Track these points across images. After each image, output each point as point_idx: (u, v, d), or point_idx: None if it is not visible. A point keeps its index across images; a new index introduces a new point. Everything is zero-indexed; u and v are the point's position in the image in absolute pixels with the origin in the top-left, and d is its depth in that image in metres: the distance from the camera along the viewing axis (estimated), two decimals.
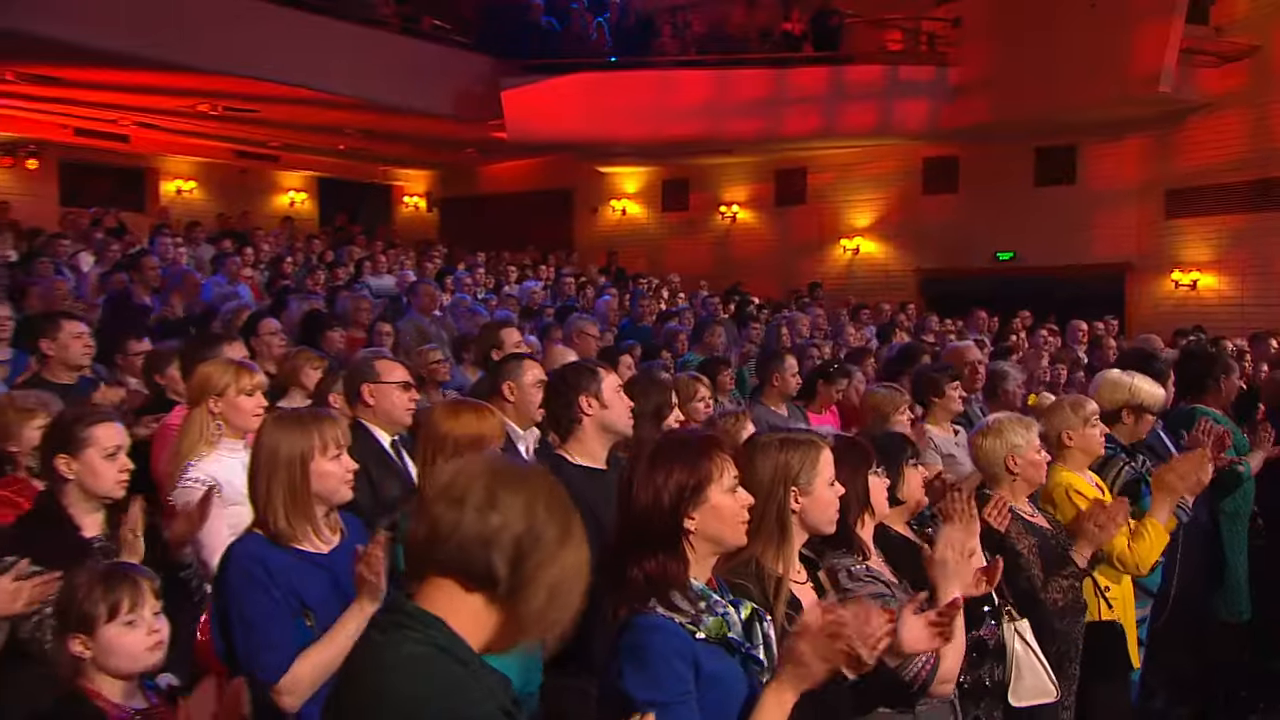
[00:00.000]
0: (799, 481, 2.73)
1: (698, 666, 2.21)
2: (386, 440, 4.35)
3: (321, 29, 15.20)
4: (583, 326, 8.03)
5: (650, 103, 16.75)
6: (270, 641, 2.77)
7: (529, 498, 1.82)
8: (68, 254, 11.48)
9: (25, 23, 12.16)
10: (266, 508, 2.95)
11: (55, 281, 8.53)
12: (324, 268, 13.65)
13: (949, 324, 13.26)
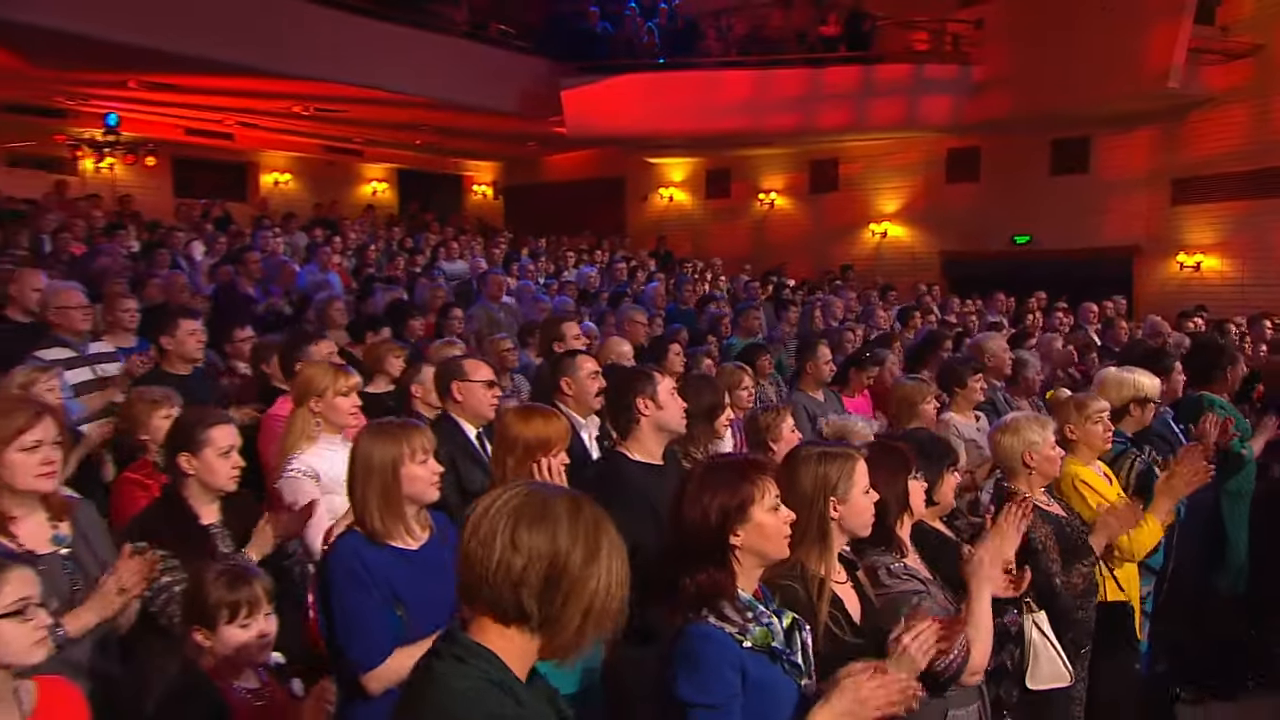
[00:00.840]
0: (837, 491, 2.73)
1: (744, 672, 2.24)
2: (472, 433, 4.42)
3: (401, 38, 15.27)
4: (632, 315, 8.05)
5: (696, 100, 16.64)
6: (366, 633, 2.82)
7: (551, 530, 1.78)
8: (182, 244, 11.63)
9: (145, 38, 12.40)
10: (363, 509, 2.98)
11: (174, 275, 8.60)
12: (403, 254, 13.86)
13: (969, 304, 13.20)
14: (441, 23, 16.40)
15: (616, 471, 3.71)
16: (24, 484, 2.94)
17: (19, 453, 2.91)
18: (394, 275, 12.05)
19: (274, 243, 11.95)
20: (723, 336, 8.81)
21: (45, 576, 2.96)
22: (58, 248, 10.42)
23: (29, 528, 3.00)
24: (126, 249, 10.94)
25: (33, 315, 6.45)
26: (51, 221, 11.59)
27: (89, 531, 3.18)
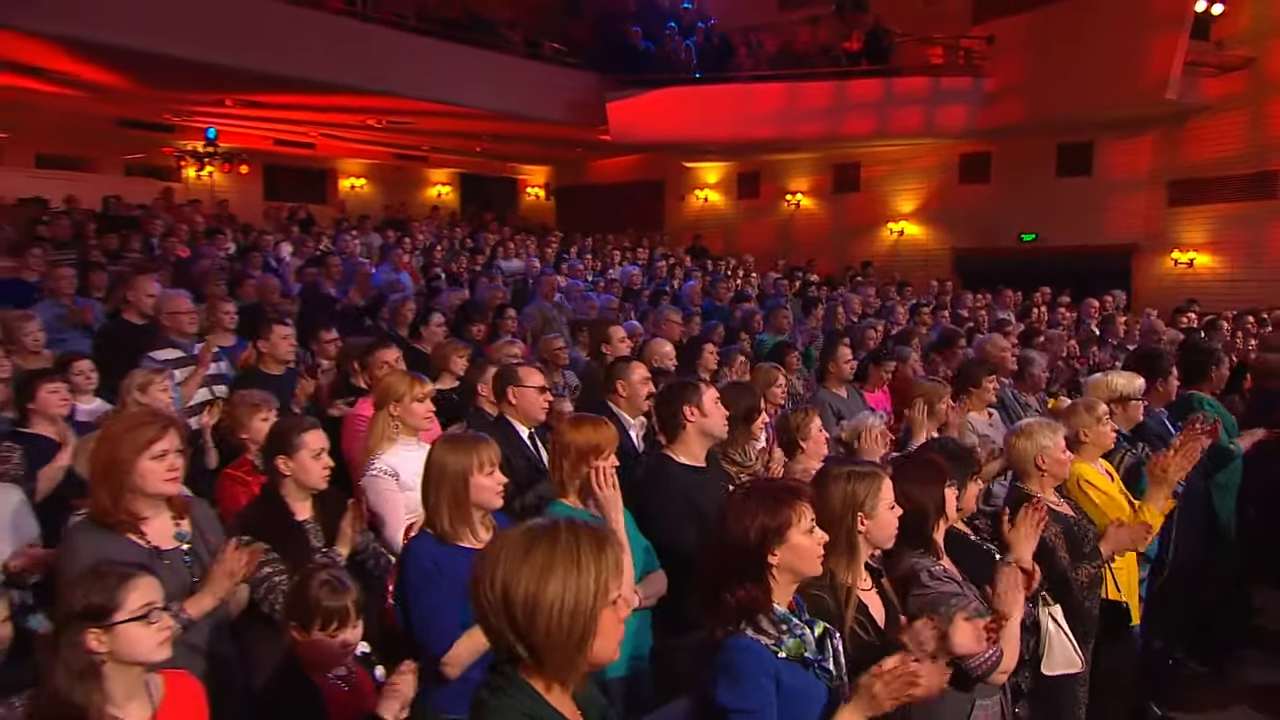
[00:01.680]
0: (864, 507, 2.72)
1: (779, 681, 2.24)
2: (525, 432, 4.44)
3: (464, 56, 15.37)
4: (669, 315, 7.98)
5: (730, 110, 16.53)
6: (440, 626, 2.86)
7: (500, 565, 1.75)
8: (272, 245, 11.75)
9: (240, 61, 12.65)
10: (435, 513, 3.02)
11: (266, 278, 8.65)
12: (465, 253, 13.92)
13: (979, 299, 13.08)
14: (500, 42, 16.42)
15: (663, 473, 3.72)
16: (153, 488, 2.99)
17: (150, 461, 2.96)
18: (457, 273, 12.09)
19: (352, 244, 12.04)
20: (754, 333, 8.75)
21: (170, 570, 3.06)
22: (165, 250, 10.59)
23: (156, 526, 3.05)
24: (224, 251, 11.05)
25: (147, 318, 6.59)
26: (160, 226, 11.79)
27: (205, 527, 3.23)
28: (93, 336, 6.86)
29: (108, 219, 12.51)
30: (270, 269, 10.06)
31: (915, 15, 16.86)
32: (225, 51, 12.41)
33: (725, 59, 17.23)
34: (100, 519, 2.98)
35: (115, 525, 2.98)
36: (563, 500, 3.36)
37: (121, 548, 2.94)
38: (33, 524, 3.84)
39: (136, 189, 15.92)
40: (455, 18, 16.67)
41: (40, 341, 5.97)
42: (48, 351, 5.98)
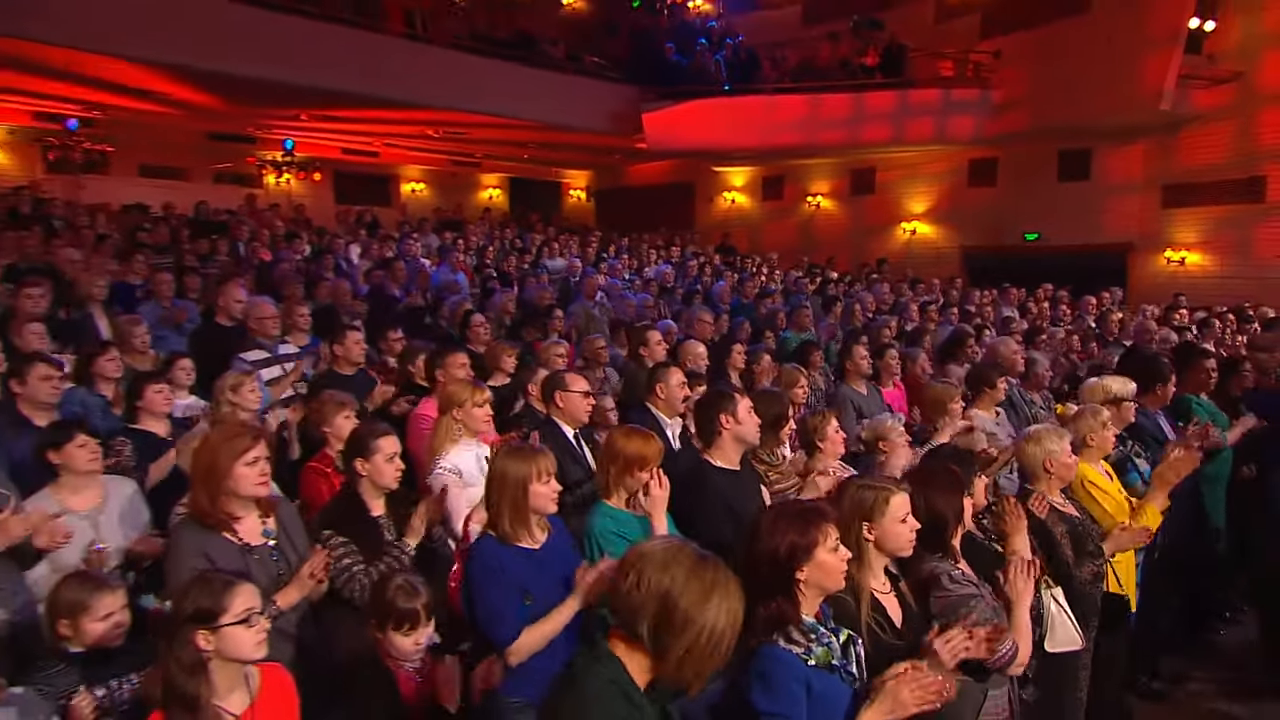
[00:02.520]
0: (871, 516, 2.73)
1: (809, 687, 2.25)
2: (570, 433, 4.45)
3: (513, 72, 15.36)
4: (701, 315, 7.90)
5: (756, 120, 16.37)
6: (501, 619, 2.88)
7: (670, 575, 1.85)
8: (343, 248, 11.81)
9: (313, 81, 12.78)
10: (497, 516, 3.03)
11: (339, 282, 8.64)
12: (515, 253, 13.96)
13: (985, 295, 12.94)
14: (545, 59, 16.37)
15: (702, 476, 3.71)
16: (246, 491, 3.07)
17: (243, 467, 3.05)
18: (508, 272, 12.09)
19: (414, 247, 12.10)
20: (778, 330, 8.69)
21: (259, 564, 3.12)
22: (249, 254, 10.71)
23: (247, 525, 3.13)
24: (300, 254, 11.12)
25: (235, 320, 6.66)
26: (244, 230, 11.92)
27: (289, 524, 3.29)
28: (188, 336, 6.91)
29: (199, 224, 12.66)
30: (341, 271, 10.11)
31: (927, 32, 16.59)
32: (301, 73, 12.56)
33: (752, 72, 17.06)
34: (200, 517, 3.07)
35: (213, 523, 3.06)
36: (606, 501, 3.38)
37: (218, 544, 3.04)
38: (145, 512, 3.89)
39: (223, 195, 16.09)
40: (505, 37, 16.70)
41: (147, 342, 6.06)
42: (152, 351, 6.09)
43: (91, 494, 3.69)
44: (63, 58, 11.33)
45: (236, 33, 11.75)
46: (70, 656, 2.83)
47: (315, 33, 12.73)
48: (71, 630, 2.85)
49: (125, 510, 3.76)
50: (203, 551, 3.02)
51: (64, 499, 3.62)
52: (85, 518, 3.62)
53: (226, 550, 3.05)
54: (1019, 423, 5.81)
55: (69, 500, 3.63)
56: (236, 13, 11.84)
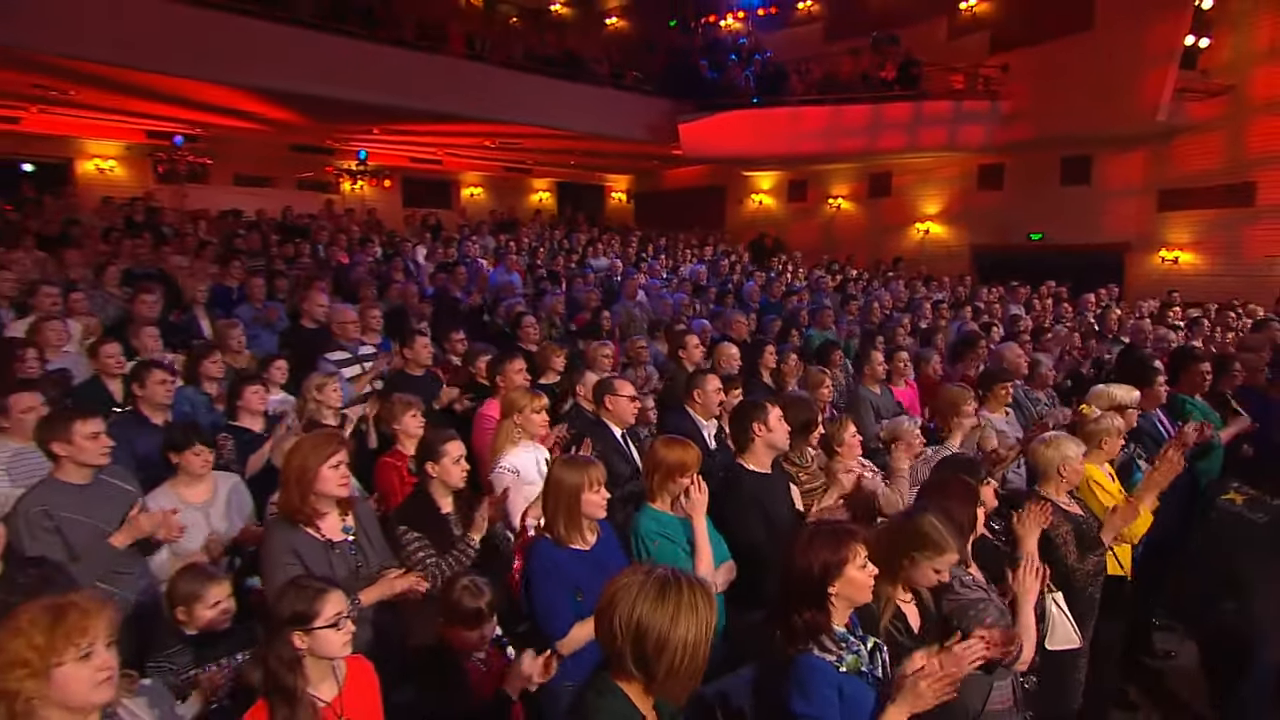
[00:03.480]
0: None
1: (841, 691, 2.26)
2: (618, 433, 4.46)
3: (560, 89, 15.37)
4: (735, 317, 7.83)
5: (782, 129, 16.16)
6: (556, 614, 2.92)
7: (639, 608, 1.82)
8: (410, 250, 11.81)
9: (385, 99, 12.89)
10: (553, 520, 3.06)
11: (408, 285, 8.64)
12: (562, 253, 13.98)
13: (993, 292, 12.74)
14: (590, 76, 16.31)
15: (736, 480, 3.70)
16: (330, 491, 3.12)
17: (329, 469, 3.09)
18: (556, 271, 12.03)
19: (473, 249, 12.15)
20: (802, 328, 8.57)
21: (339, 558, 3.16)
22: (328, 256, 10.82)
23: (329, 522, 3.17)
24: (372, 256, 11.16)
25: (318, 323, 6.76)
26: (324, 234, 12.04)
27: (365, 522, 3.33)
28: (279, 335, 7.02)
29: (285, 228, 12.83)
30: (409, 273, 10.13)
31: (941, 48, 16.19)
32: (374, 92, 12.66)
33: (779, 85, 16.82)
34: (289, 514, 3.12)
35: (301, 520, 3.11)
36: (651, 504, 3.39)
37: (304, 541, 3.09)
38: (249, 502, 3.96)
39: (305, 201, 16.30)
40: (554, 56, 16.65)
41: (243, 343, 6.16)
42: (247, 351, 6.19)
43: (204, 489, 3.79)
44: (171, 84, 11.59)
45: (317, 58, 11.92)
46: (186, 638, 2.93)
47: (386, 56, 12.83)
48: (187, 616, 2.94)
49: (232, 502, 3.85)
50: (291, 547, 3.08)
51: (180, 493, 3.74)
52: (198, 509, 3.73)
53: (312, 547, 3.10)
54: (1025, 421, 5.73)
55: (185, 494, 3.74)
56: (318, 41, 12.01)
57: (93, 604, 1.91)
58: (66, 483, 3.39)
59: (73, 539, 3.29)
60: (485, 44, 15.26)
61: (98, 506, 3.40)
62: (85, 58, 10.18)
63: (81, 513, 3.35)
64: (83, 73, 10.93)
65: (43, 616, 1.84)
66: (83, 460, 3.40)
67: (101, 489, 3.47)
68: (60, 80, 11.48)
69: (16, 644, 1.81)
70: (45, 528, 3.26)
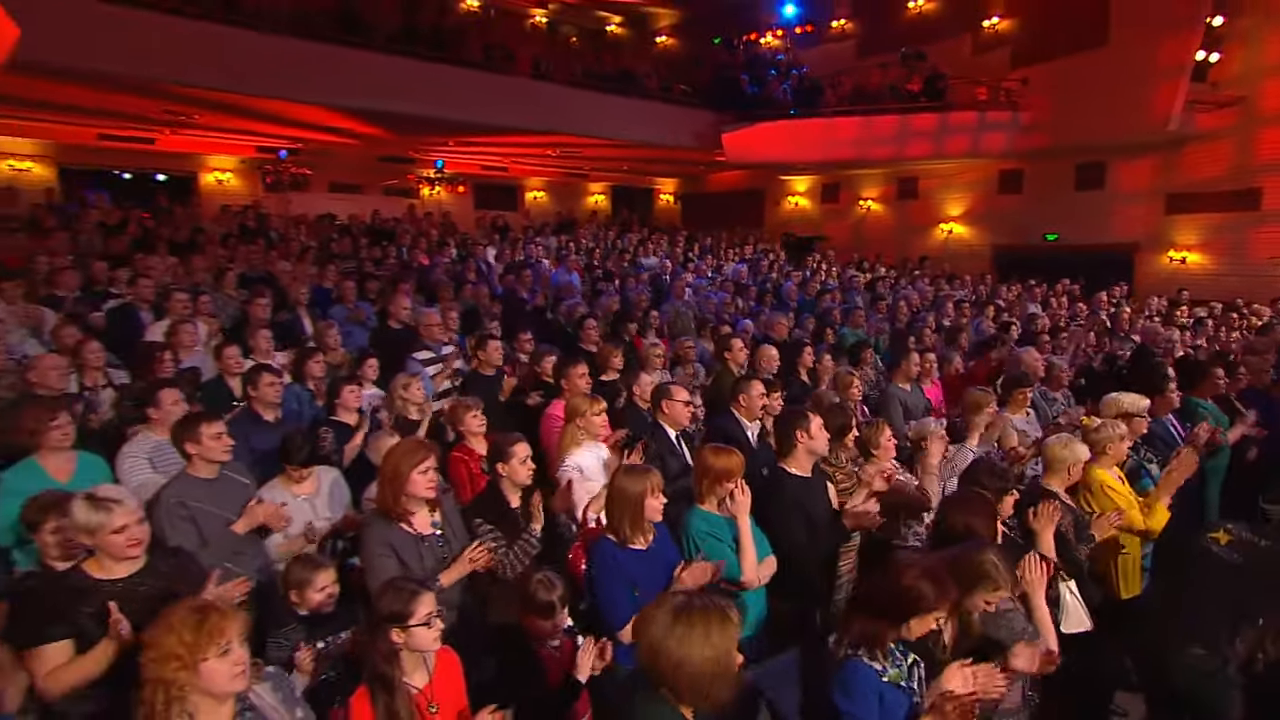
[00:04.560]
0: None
1: (881, 697, 2.25)
2: (673, 435, 4.42)
3: (615, 103, 15.24)
4: (776, 320, 7.70)
5: (817, 138, 15.77)
6: (616, 607, 2.93)
7: (659, 634, 1.86)
8: (482, 251, 11.85)
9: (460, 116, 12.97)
10: (616, 524, 3.07)
11: (480, 287, 8.61)
12: (616, 252, 13.95)
13: (1012, 289, 12.44)
14: (642, 91, 16.17)
15: (780, 483, 3.67)
16: (420, 493, 3.17)
17: (418, 474, 3.14)
18: (610, 270, 11.96)
19: (536, 250, 12.19)
20: (835, 326, 8.39)
21: (429, 550, 3.21)
22: (410, 259, 10.93)
23: (419, 518, 3.23)
24: (448, 257, 11.27)
25: (404, 324, 6.85)
26: (407, 236, 12.20)
27: (450, 517, 3.38)
28: (369, 333, 7.05)
29: (374, 231, 13.02)
30: (481, 273, 10.16)
31: (965, 62, 15.60)
32: (450, 109, 12.74)
33: (814, 98, 16.45)
34: (385, 511, 3.19)
35: (394, 516, 3.17)
36: (700, 506, 3.38)
37: (398, 535, 3.16)
38: (347, 493, 4.02)
39: (390, 205, 16.57)
40: (610, 73, 16.57)
41: (339, 341, 6.23)
42: (342, 349, 6.28)
43: (309, 482, 3.89)
44: (277, 107, 11.87)
45: (401, 81, 12.03)
46: (299, 618, 3.03)
47: (462, 78, 12.89)
48: (299, 598, 3.04)
49: (333, 494, 3.95)
50: (387, 541, 3.16)
51: (289, 486, 3.84)
52: (305, 500, 3.84)
53: (405, 540, 3.17)
54: (1043, 420, 5.60)
55: (293, 488, 3.84)
56: (402, 66, 12.13)
57: (229, 608, 1.99)
58: (196, 477, 3.52)
59: (203, 527, 3.41)
60: (549, 64, 15.24)
61: (222, 498, 3.52)
62: (208, 86, 10.52)
63: (210, 504, 3.47)
64: (206, 100, 11.30)
65: (190, 617, 1.93)
66: (209, 458, 3.52)
67: (225, 483, 3.58)
68: (187, 106, 11.88)
69: (170, 640, 1.91)
70: (181, 517, 3.39)
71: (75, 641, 2.52)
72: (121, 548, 2.67)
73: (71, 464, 3.78)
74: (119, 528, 2.66)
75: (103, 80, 9.93)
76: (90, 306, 6.64)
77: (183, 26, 9.96)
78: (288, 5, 11.43)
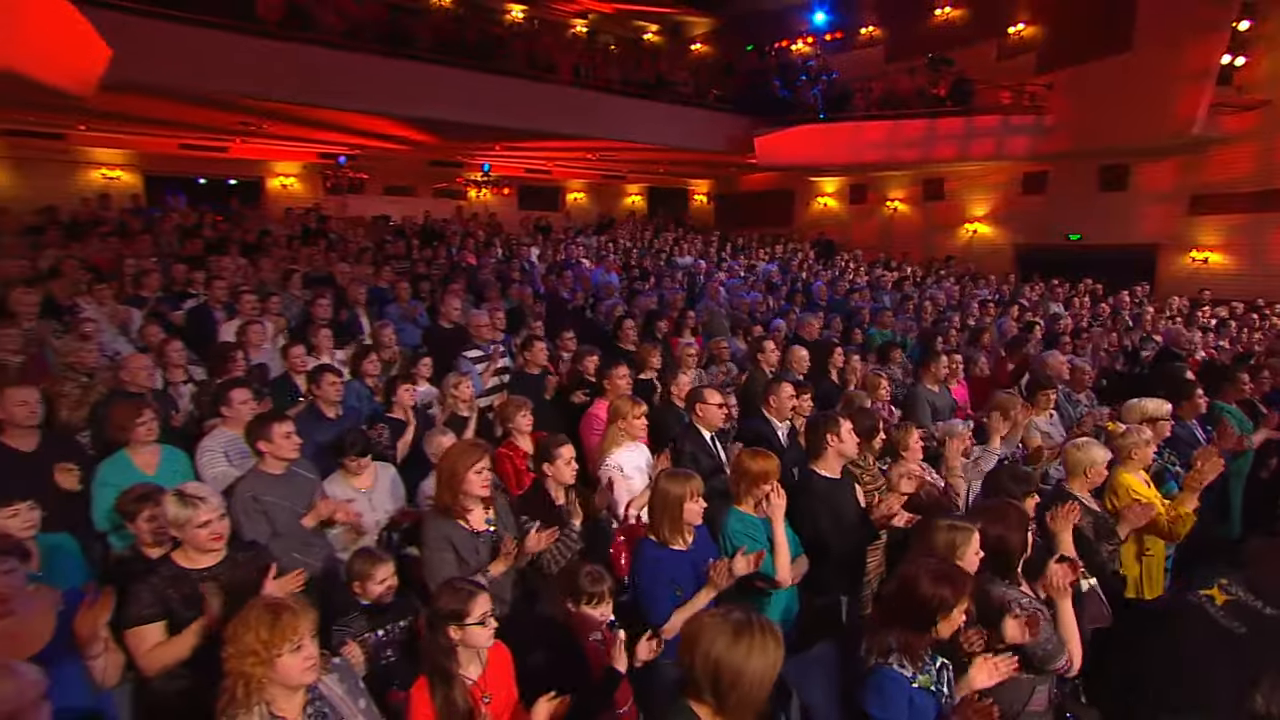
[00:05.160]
0: (959, 554, 2.65)
1: (911, 701, 2.23)
2: (707, 435, 4.37)
3: (652, 109, 15.13)
4: (807, 321, 7.56)
5: (846, 141, 15.45)
6: (658, 603, 2.93)
7: (718, 647, 1.83)
8: (527, 252, 11.86)
9: (505, 122, 12.99)
10: (658, 525, 3.06)
11: (524, 289, 8.57)
12: (652, 252, 13.91)
13: (1034, 288, 12.15)
14: (678, 97, 16.00)
15: (810, 484, 3.64)
16: (474, 493, 3.20)
17: (474, 474, 3.17)
18: (647, 268, 11.92)
19: (576, 251, 12.18)
20: (864, 327, 8.25)
21: (484, 544, 3.25)
22: (459, 259, 11.02)
23: (475, 515, 3.27)
24: (494, 257, 11.34)
25: (453, 323, 6.91)
26: (455, 236, 12.30)
27: (502, 512, 3.40)
28: (422, 331, 7.10)
29: (426, 232, 13.15)
30: (525, 272, 10.18)
31: (990, 67, 15.13)
32: (497, 116, 12.78)
33: (843, 102, 16.15)
34: (443, 509, 3.23)
35: (453, 514, 3.22)
36: (738, 507, 3.36)
37: (456, 531, 3.19)
38: (402, 488, 4.07)
39: (440, 206, 16.73)
40: (647, 80, 16.46)
41: (394, 339, 6.28)
42: (397, 347, 6.36)
43: (367, 477, 3.96)
44: (338, 116, 12.05)
45: (450, 91, 12.11)
46: (361, 607, 3.08)
47: (506, 87, 12.89)
48: (361, 589, 3.09)
49: (389, 488, 4.02)
50: (446, 536, 3.20)
51: (350, 481, 3.92)
52: (364, 494, 3.91)
53: (462, 536, 3.21)
54: (1067, 421, 5.48)
55: (353, 481, 3.92)
56: (452, 76, 12.21)
57: (301, 607, 2.04)
58: (268, 473, 3.60)
59: (275, 519, 3.50)
60: (589, 72, 15.20)
61: (292, 492, 3.60)
62: (278, 99, 10.77)
63: (280, 497, 3.56)
64: (276, 111, 11.57)
65: (265, 615, 1.99)
66: (280, 455, 3.60)
67: (293, 478, 3.67)
68: (258, 117, 12.18)
69: (248, 638, 1.97)
70: (255, 510, 3.48)
71: (167, 625, 2.63)
72: (205, 541, 2.78)
73: (156, 457, 3.91)
74: (203, 522, 2.78)
75: (185, 96, 10.27)
76: (170, 306, 6.82)
77: (257, 45, 10.25)
78: (348, 22, 11.60)
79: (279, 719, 2.01)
